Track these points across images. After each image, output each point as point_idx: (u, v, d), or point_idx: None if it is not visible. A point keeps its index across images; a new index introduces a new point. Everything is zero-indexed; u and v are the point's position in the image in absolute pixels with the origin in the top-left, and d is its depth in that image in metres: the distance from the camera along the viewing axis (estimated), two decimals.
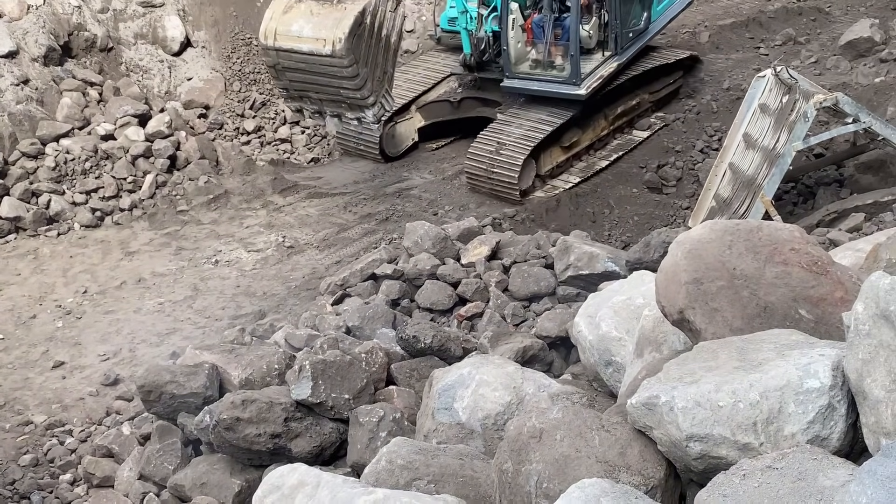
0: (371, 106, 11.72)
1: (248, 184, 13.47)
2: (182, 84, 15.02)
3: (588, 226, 12.63)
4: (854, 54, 14.23)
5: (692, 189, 12.88)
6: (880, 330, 2.96)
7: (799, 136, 9.95)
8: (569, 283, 8.48)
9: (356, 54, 11.16)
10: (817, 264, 4.40)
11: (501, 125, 13.21)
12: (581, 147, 13.67)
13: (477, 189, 12.92)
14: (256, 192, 13.32)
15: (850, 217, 9.47)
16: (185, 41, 15.36)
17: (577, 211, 13.11)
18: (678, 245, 4.63)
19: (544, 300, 8.60)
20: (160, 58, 15.18)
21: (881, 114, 12.18)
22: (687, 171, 13.23)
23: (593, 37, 13.28)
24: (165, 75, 15.06)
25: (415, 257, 9.20)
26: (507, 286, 8.78)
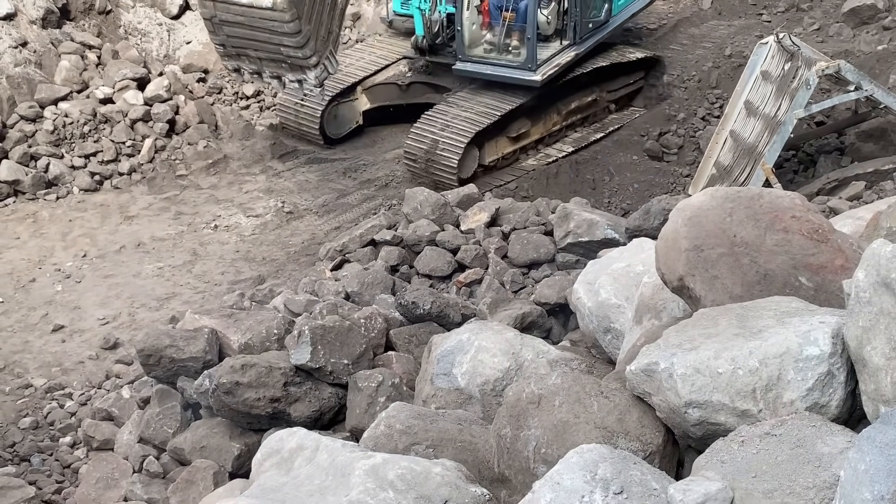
0: (313, 67, 10.89)
1: (247, 149, 13.41)
2: (181, 48, 14.92)
3: (588, 193, 12.60)
4: (857, 22, 14.12)
5: (693, 157, 12.84)
6: (881, 297, 2.95)
7: (800, 104, 9.91)
8: (568, 250, 8.48)
9: (299, 9, 10.38)
10: (818, 232, 4.39)
11: (446, 108, 12.62)
12: (530, 140, 13.13)
13: (416, 174, 12.24)
14: (256, 157, 13.27)
15: (851, 185, 9.46)
16: (184, 4, 15.23)
17: (577, 178, 13.07)
18: (678, 212, 4.62)
19: (543, 267, 8.60)
20: (159, 21, 15.06)
21: (883, 82, 12.12)
22: (688, 138, 13.18)
23: (551, 23, 12.78)
24: (164, 39, 14.96)
25: (414, 223, 9.20)
26: (506, 253, 8.77)
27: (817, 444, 2.84)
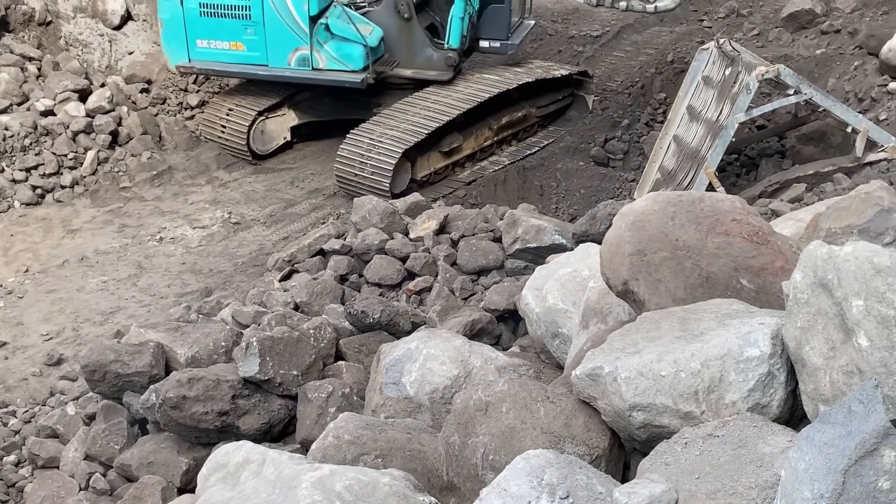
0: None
1: (192, 159, 13.27)
2: (123, 58, 14.73)
3: (536, 199, 12.68)
4: (796, 26, 14.39)
5: (638, 162, 12.99)
6: (818, 298, 3.01)
7: (741, 108, 10.06)
8: (517, 257, 8.52)
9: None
10: (758, 234, 4.46)
11: (372, 126, 12.49)
12: (462, 155, 13.08)
13: (349, 193, 12.01)
14: (201, 168, 13.13)
15: (792, 187, 9.62)
16: (125, 14, 15.04)
17: (525, 185, 13.15)
18: (622, 217, 4.67)
19: (493, 273, 8.62)
20: (100, 32, 14.86)
21: (822, 85, 12.37)
22: (633, 144, 13.33)
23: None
24: (106, 49, 14.76)
25: (363, 232, 9.17)
26: (455, 260, 8.78)
27: (759, 444, 2.88)
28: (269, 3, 12.53)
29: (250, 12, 12.61)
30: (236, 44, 12.82)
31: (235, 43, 12.81)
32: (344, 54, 12.79)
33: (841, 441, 2.35)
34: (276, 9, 12.55)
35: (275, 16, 12.58)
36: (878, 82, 11.82)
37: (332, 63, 12.82)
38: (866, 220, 5.24)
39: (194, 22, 12.75)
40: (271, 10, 12.56)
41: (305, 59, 12.77)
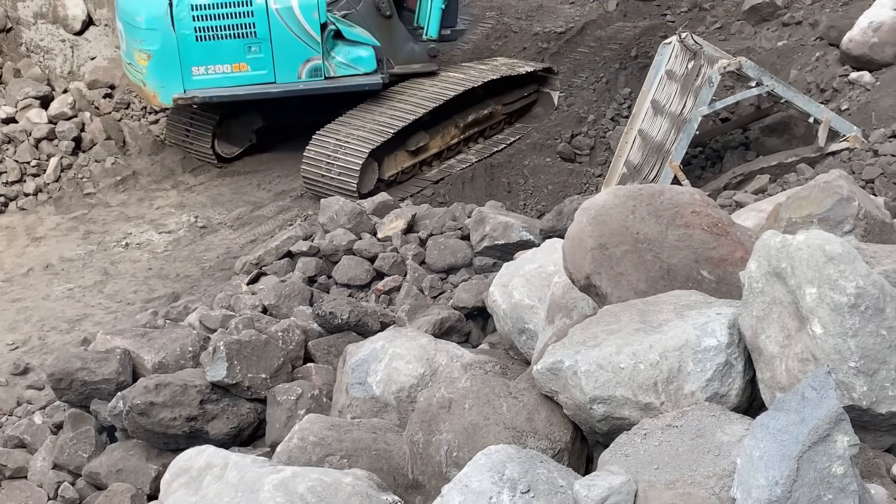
0: None
1: (157, 164, 13.18)
2: (85, 63, 14.61)
3: (504, 196, 12.71)
4: (757, 19, 14.49)
5: (604, 157, 13.04)
6: (773, 287, 3.04)
7: (704, 101, 10.13)
8: (485, 254, 8.54)
9: None
10: (717, 226, 4.50)
11: (338, 126, 12.33)
12: (429, 154, 13.01)
13: (317, 194, 11.83)
14: (166, 172, 13.05)
15: (756, 179, 9.69)
16: (87, 20, 14.91)
17: (493, 182, 13.17)
18: (583, 211, 4.69)
19: (461, 271, 8.63)
20: (62, 37, 14.73)
21: (784, 77, 12.47)
22: (599, 139, 13.38)
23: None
24: (68, 55, 14.63)
25: (330, 233, 9.15)
26: (423, 259, 8.79)
27: (717, 434, 2.90)
28: (276, 16, 11.99)
29: (255, 29, 11.98)
30: (239, 65, 12.04)
31: (238, 64, 12.02)
32: (354, 58, 12.58)
33: (794, 428, 2.37)
34: (284, 21, 12.04)
35: (282, 28, 12.06)
36: (840, 72, 11.93)
37: (344, 69, 12.56)
38: (826, 209, 5.29)
39: (189, 48, 11.81)
40: (278, 23, 12.02)
41: (318, 69, 12.39)
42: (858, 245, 3.70)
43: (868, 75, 11.52)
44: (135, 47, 12.02)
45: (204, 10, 11.76)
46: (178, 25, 11.72)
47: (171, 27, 11.72)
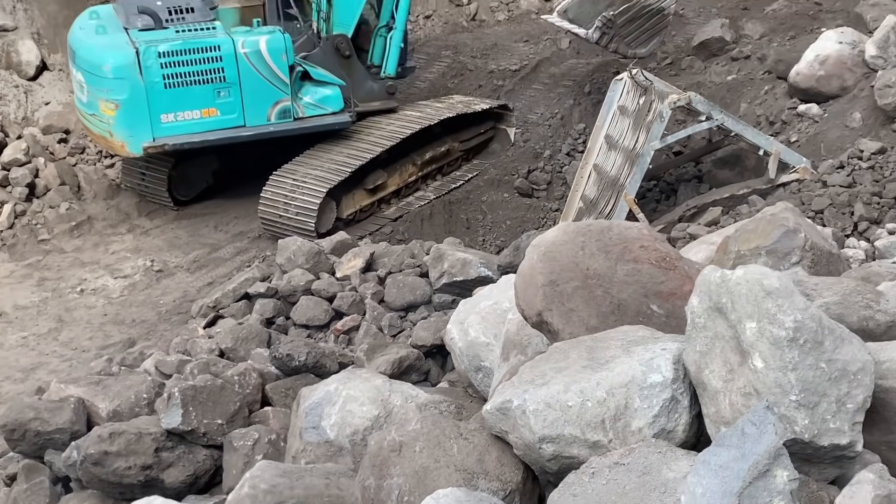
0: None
1: (112, 208, 13.08)
2: (40, 109, 14.51)
3: (462, 232, 12.76)
4: (707, 54, 14.74)
5: (561, 191, 13.15)
6: (714, 322, 3.07)
7: (656, 136, 10.27)
8: (444, 291, 8.55)
9: None
10: (665, 260, 4.55)
11: (295, 167, 12.35)
12: (387, 191, 13.07)
13: (274, 235, 11.76)
14: (122, 217, 12.95)
15: (709, 211, 9.83)
16: (41, 65, 14.84)
17: (452, 218, 13.22)
18: (534, 248, 4.72)
19: (420, 309, 8.63)
20: (15, 83, 14.63)
21: (734, 110, 12.69)
22: (555, 174, 13.50)
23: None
24: (22, 101, 14.53)
25: (288, 274, 9.11)
26: (382, 297, 8.78)
27: (663, 470, 2.91)
28: (245, 60, 11.99)
29: (223, 74, 11.96)
30: (208, 110, 12.00)
31: (207, 109, 11.99)
32: (322, 98, 12.66)
33: (735, 463, 2.39)
34: (253, 64, 12.05)
35: (251, 71, 12.06)
36: (788, 105, 12.16)
37: (312, 110, 12.62)
38: (773, 241, 5.38)
39: (158, 96, 11.70)
40: (247, 67, 12.03)
41: (287, 111, 12.42)
42: (800, 278, 3.76)
43: (816, 107, 11.76)
44: (100, 97, 11.85)
45: (172, 57, 11.72)
46: (146, 73, 11.62)
47: (139, 75, 11.62)
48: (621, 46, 13.47)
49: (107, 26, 12.18)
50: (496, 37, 16.91)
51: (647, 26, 13.51)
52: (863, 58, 11.55)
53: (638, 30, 13.44)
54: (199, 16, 12.18)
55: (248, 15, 13.00)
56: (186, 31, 11.96)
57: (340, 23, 12.96)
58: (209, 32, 12.04)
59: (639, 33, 13.45)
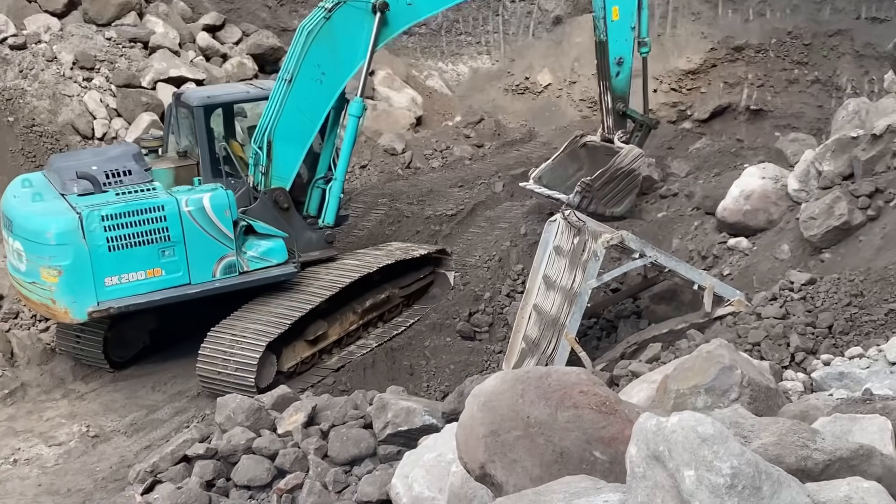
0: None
1: (46, 373, 12.76)
2: None
3: (406, 379, 12.67)
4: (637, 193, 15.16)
5: (503, 333, 13.18)
6: (654, 471, 3.05)
7: (592, 275, 10.41)
8: (389, 442, 8.40)
9: None
10: (605, 404, 4.54)
11: (233, 321, 12.32)
12: (329, 341, 13.01)
13: (214, 393, 11.48)
14: (56, 382, 12.62)
15: (649, 347, 9.87)
16: None
17: (395, 365, 13.14)
18: (474, 398, 4.69)
19: (366, 462, 8.45)
20: None
21: (667, 246, 12.99)
22: (496, 315, 13.57)
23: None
24: None
25: (228, 433, 8.90)
26: (326, 452, 8.58)
27: None
28: (188, 218, 11.99)
29: (168, 233, 11.90)
30: (153, 270, 11.91)
31: (152, 270, 11.91)
32: (266, 251, 12.71)
33: None
34: (197, 221, 12.04)
35: (195, 228, 12.05)
36: (718, 240, 12.50)
37: (256, 263, 12.63)
38: (710, 378, 5.43)
39: (102, 259, 11.57)
40: (191, 224, 12.01)
41: (232, 266, 12.40)
42: (739, 417, 3.77)
43: (745, 241, 12.09)
44: (41, 265, 11.65)
45: (116, 220, 11.66)
46: (90, 237, 11.50)
47: (82, 240, 11.49)
48: (599, 207, 14.31)
49: (42, 193, 12.16)
50: (431, 183, 17.28)
51: (621, 187, 14.46)
52: (786, 191, 11.98)
53: (613, 191, 14.42)
54: (136, 178, 12.25)
55: (183, 174, 13.15)
56: (127, 193, 11.99)
57: (279, 176, 13.17)
58: (151, 193, 12.08)
59: (614, 194, 14.43)
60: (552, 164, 15.45)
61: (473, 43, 22.21)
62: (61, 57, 17.61)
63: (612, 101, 15.15)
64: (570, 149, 15.66)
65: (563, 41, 21.57)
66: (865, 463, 3.57)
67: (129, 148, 13.15)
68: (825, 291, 8.81)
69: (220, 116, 13.66)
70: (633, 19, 14.93)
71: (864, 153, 10.64)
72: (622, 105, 15.21)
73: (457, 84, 21.92)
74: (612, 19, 14.71)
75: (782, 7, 19.84)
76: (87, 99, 17.37)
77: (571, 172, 15.44)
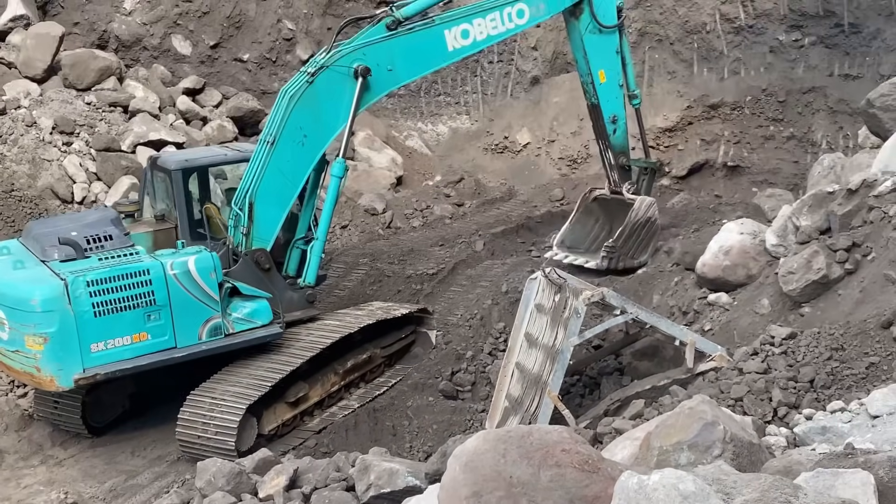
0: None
1: (24, 440, 12.56)
2: None
3: (389, 440, 12.55)
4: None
5: (486, 391, 13.11)
6: None
7: (574, 332, 10.41)
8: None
9: None
10: (588, 463, 4.52)
11: (213, 384, 12.23)
12: (310, 403, 12.95)
13: (194, 457, 11.29)
14: (34, 448, 12.43)
15: (632, 404, 9.82)
16: None
17: (377, 426, 13.03)
18: (455, 459, 4.66)
19: None
20: None
21: (648, 302, 13.02)
22: (479, 374, 13.50)
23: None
24: None
25: (208, 498, 8.76)
26: None
27: None
28: (174, 281, 11.92)
29: (153, 297, 11.82)
30: (139, 335, 11.79)
31: (138, 335, 11.79)
32: (251, 312, 12.68)
33: None
34: (182, 284, 11.99)
35: (180, 291, 11.99)
36: (699, 295, 12.53)
37: (241, 324, 12.59)
38: (693, 434, 5.42)
39: (87, 325, 11.43)
40: (177, 287, 11.94)
41: (218, 328, 12.34)
42: (721, 474, 3.75)
43: (725, 296, 12.13)
44: (26, 333, 11.48)
45: (101, 285, 11.55)
46: (76, 303, 11.36)
47: (68, 306, 11.34)
48: (627, 262, 14.92)
49: (23, 260, 12.08)
50: (412, 242, 17.32)
51: (642, 237, 15.01)
52: (764, 246, 12.06)
53: (635, 243, 14.97)
54: (117, 242, 12.20)
55: (161, 238, 13.15)
56: (111, 258, 11.92)
57: (260, 238, 13.18)
58: (135, 257, 12.03)
59: (637, 245, 14.99)
60: (570, 226, 15.85)
61: (452, 103, 22.45)
62: (41, 122, 17.69)
63: (614, 157, 15.49)
64: (583, 206, 16.02)
65: (541, 101, 21.84)
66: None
67: (106, 213, 13.13)
68: (806, 345, 8.82)
69: (195, 179, 13.71)
70: (620, 77, 15.23)
71: (840, 208, 10.74)
72: (624, 159, 15.57)
73: (436, 144, 22.11)
74: (600, 82, 15.03)
75: (756, 65, 20.19)
76: (67, 163, 17.41)
77: (590, 227, 15.95)
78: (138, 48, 20.99)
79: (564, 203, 18.71)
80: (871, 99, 12.37)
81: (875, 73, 18.13)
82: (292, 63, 21.34)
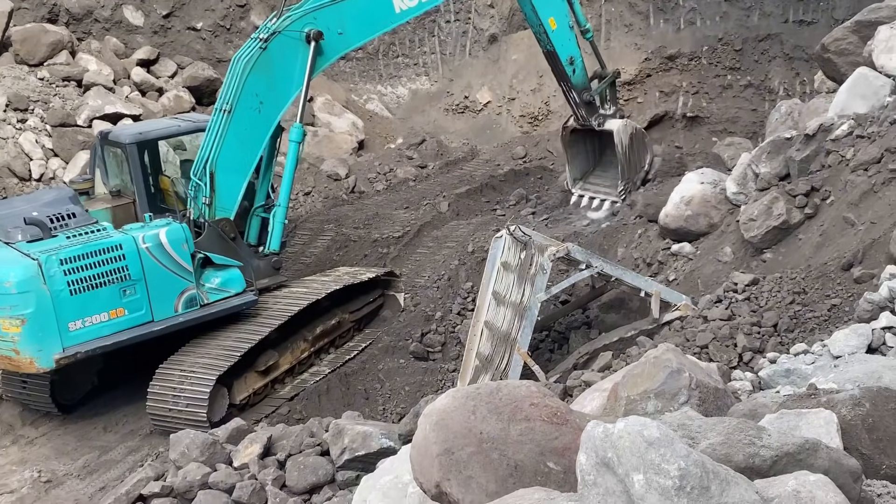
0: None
1: None
2: None
3: (362, 404, 12.62)
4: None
5: (456, 351, 13.20)
6: (604, 478, 3.07)
7: (541, 288, 10.48)
8: (347, 468, 8.37)
9: None
10: (557, 415, 4.56)
11: (181, 357, 12.16)
12: (280, 371, 12.94)
13: (166, 430, 11.24)
14: (4, 429, 12.35)
15: (600, 357, 9.95)
16: None
17: (349, 391, 13.08)
18: (426, 418, 4.68)
19: (325, 490, 8.40)
20: None
21: (612, 255, 13.13)
22: (448, 335, 13.57)
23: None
24: None
25: (183, 469, 8.80)
26: (284, 482, 8.52)
27: None
28: (147, 254, 11.84)
29: (128, 272, 11.73)
30: (116, 311, 11.72)
31: (115, 310, 11.71)
32: (224, 282, 12.67)
33: None
34: (155, 257, 11.92)
35: (154, 264, 11.91)
36: (662, 246, 12.65)
37: (216, 294, 12.58)
38: (659, 383, 5.49)
39: (64, 304, 11.29)
40: (150, 260, 11.87)
41: (193, 299, 12.33)
42: (687, 420, 3.82)
43: (688, 246, 12.25)
44: (1, 316, 11.30)
45: (75, 263, 11.42)
46: (51, 283, 11.22)
47: (43, 286, 11.19)
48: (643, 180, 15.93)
49: None
50: (377, 206, 17.29)
51: (636, 152, 15.87)
52: (725, 195, 12.17)
53: (636, 164, 15.85)
54: (81, 220, 12.04)
55: (120, 214, 13.00)
56: (79, 236, 11.75)
57: (223, 207, 13.10)
58: (104, 233, 11.88)
59: (637, 161, 15.85)
60: (571, 164, 16.21)
61: (411, 65, 22.32)
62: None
63: (578, 95, 15.51)
64: (566, 142, 16.16)
65: (499, 59, 21.77)
66: (812, 457, 3.63)
67: (63, 191, 12.95)
68: (768, 291, 8.95)
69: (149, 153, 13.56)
70: (570, 19, 15.22)
71: (798, 153, 10.86)
72: (587, 94, 15.61)
73: (397, 106, 22.00)
74: (552, 29, 14.99)
75: (712, 15, 20.23)
76: (23, 140, 17.14)
77: (586, 155, 16.31)
78: (89, 20, 20.59)
79: (527, 161, 18.74)
80: (825, 44, 12.46)
81: (829, 18, 18.23)
82: (247, 30, 21.05)
